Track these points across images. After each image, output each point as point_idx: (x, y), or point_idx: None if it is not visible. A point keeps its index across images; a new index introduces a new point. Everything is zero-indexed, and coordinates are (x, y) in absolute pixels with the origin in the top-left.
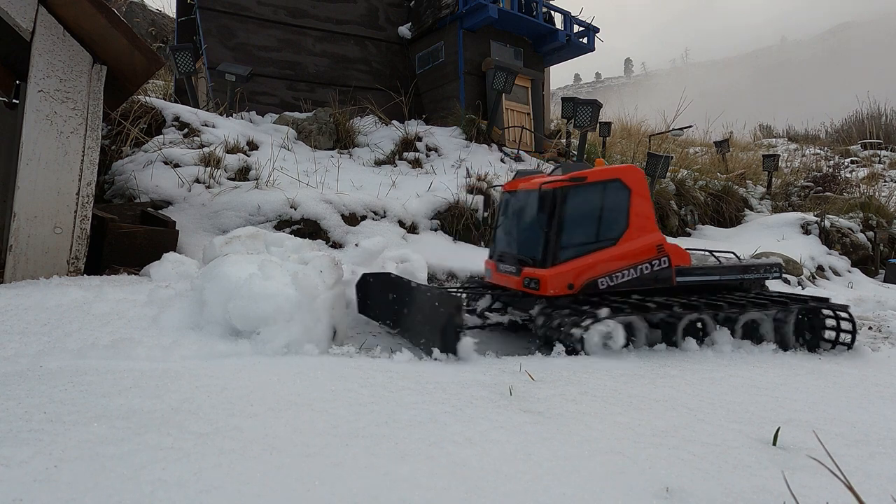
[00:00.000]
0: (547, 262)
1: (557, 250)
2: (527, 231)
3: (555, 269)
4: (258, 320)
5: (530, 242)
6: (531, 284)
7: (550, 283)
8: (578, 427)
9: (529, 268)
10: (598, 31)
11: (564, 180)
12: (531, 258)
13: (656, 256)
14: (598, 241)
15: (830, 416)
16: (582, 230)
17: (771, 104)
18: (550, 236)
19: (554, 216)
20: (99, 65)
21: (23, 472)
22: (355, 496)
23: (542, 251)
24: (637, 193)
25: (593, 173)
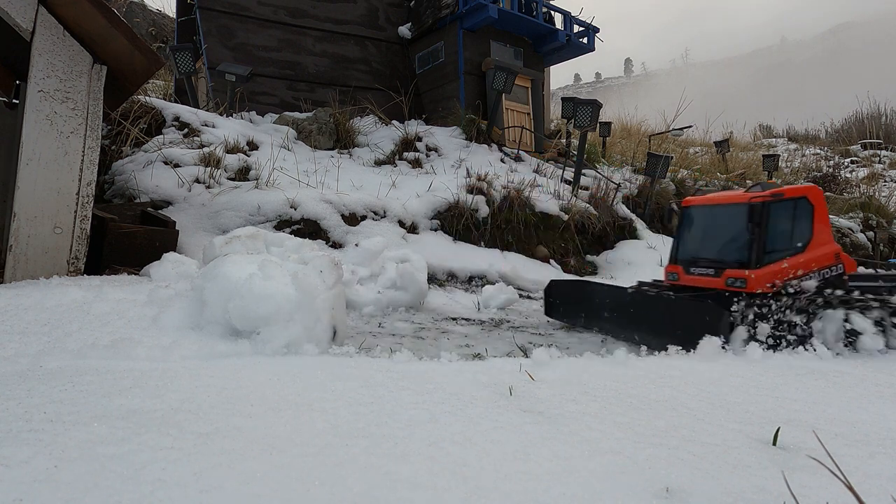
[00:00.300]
0: (753, 264)
1: (763, 254)
2: (730, 238)
3: (761, 271)
4: (258, 320)
5: (734, 248)
6: (736, 283)
7: (757, 282)
8: (578, 427)
9: (733, 270)
10: (598, 31)
11: (767, 196)
12: (736, 261)
13: (834, 263)
14: (791, 249)
15: (830, 416)
16: (779, 238)
17: (771, 104)
18: (758, 242)
19: (762, 225)
20: (99, 65)
21: (23, 472)
22: (355, 496)
23: (749, 255)
24: (819, 209)
25: (789, 191)
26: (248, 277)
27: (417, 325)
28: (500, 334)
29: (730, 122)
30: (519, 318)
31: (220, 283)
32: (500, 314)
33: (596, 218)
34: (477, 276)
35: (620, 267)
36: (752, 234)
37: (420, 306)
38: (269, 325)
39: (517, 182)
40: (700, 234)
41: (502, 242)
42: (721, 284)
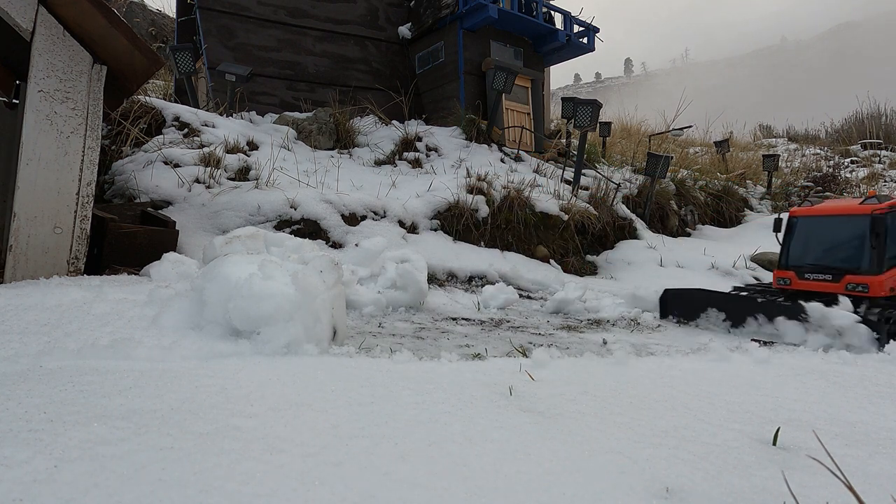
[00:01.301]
0: (875, 270)
1: (884, 261)
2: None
3: (883, 276)
4: (258, 320)
5: (853, 255)
6: (857, 288)
7: (880, 287)
8: (578, 427)
9: (853, 275)
10: (598, 31)
11: (884, 209)
12: (856, 268)
13: None
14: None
15: (830, 416)
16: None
17: (771, 104)
18: (879, 250)
19: (881, 234)
20: (99, 65)
21: (23, 472)
22: (355, 496)
23: (871, 262)
24: None
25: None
26: (248, 277)
27: (417, 325)
28: (500, 334)
29: (730, 122)
30: (519, 319)
31: (220, 283)
32: (500, 314)
33: (596, 218)
34: (477, 276)
35: (620, 267)
36: (873, 242)
37: (420, 306)
38: (269, 324)
39: (517, 182)
40: (815, 242)
41: (502, 242)
42: (841, 289)
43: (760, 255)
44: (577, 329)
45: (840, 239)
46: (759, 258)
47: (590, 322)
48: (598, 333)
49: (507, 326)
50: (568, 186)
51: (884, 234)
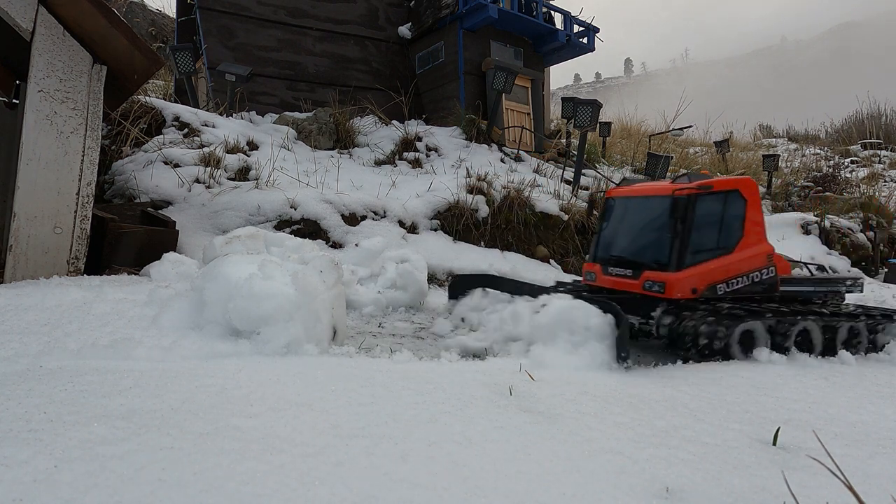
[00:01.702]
0: (673, 266)
1: (685, 255)
2: (649, 236)
3: (682, 273)
4: (258, 320)
5: (654, 247)
6: (654, 287)
7: (677, 287)
8: (578, 427)
9: (652, 271)
10: (598, 31)
11: (693, 188)
12: (655, 262)
13: (766, 265)
14: (718, 249)
15: (830, 416)
16: (705, 237)
17: (771, 104)
18: (679, 241)
19: (684, 222)
20: (99, 65)
21: (23, 472)
22: (355, 496)
23: (670, 255)
24: (752, 204)
25: (718, 183)
26: (248, 277)
27: (417, 325)
28: None
29: (730, 122)
30: None
31: (220, 283)
32: None
33: (596, 218)
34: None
35: None
36: (673, 231)
37: (420, 306)
38: (269, 324)
39: (517, 182)
40: (621, 230)
41: (502, 242)
42: (639, 287)
43: None
44: None
45: (643, 226)
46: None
47: None
48: None
49: None
50: (568, 186)
51: (688, 220)
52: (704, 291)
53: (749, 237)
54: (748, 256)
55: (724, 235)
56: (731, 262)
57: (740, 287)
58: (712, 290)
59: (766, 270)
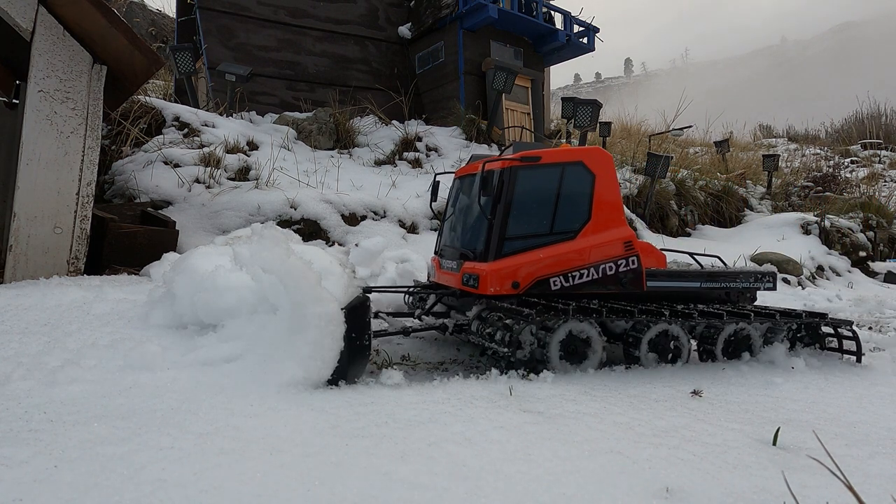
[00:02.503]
0: (489, 255)
1: (501, 241)
2: (471, 220)
3: (497, 264)
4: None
5: (473, 233)
6: (470, 282)
7: (491, 280)
8: (578, 427)
9: (470, 262)
10: (598, 31)
11: (514, 160)
12: (473, 251)
13: (623, 255)
14: (553, 234)
15: (830, 416)
16: (533, 219)
17: (771, 104)
18: (493, 224)
19: (499, 201)
20: (99, 65)
21: (23, 472)
22: (355, 496)
23: (485, 242)
24: (602, 180)
25: (549, 153)
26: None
27: (417, 325)
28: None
29: (730, 122)
30: None
31: (187, 275)
32: None
33: None
34: None
35: None
36: (487, 212)
37: None
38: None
39: None
40: (454, 215)
41: None
42: (460, 282)
43: (760, 255)
44: None
45: (467, 210)
46: (758, 258)
47: None
48: None
49: None
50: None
51: (503, 199)
52: (531, 286)
53: (599, 220)
54: (597, 244)
55: (561, 218)
56: (570, 250)
57: (585, 281)
58: (543, 285)
59: (624, 261)
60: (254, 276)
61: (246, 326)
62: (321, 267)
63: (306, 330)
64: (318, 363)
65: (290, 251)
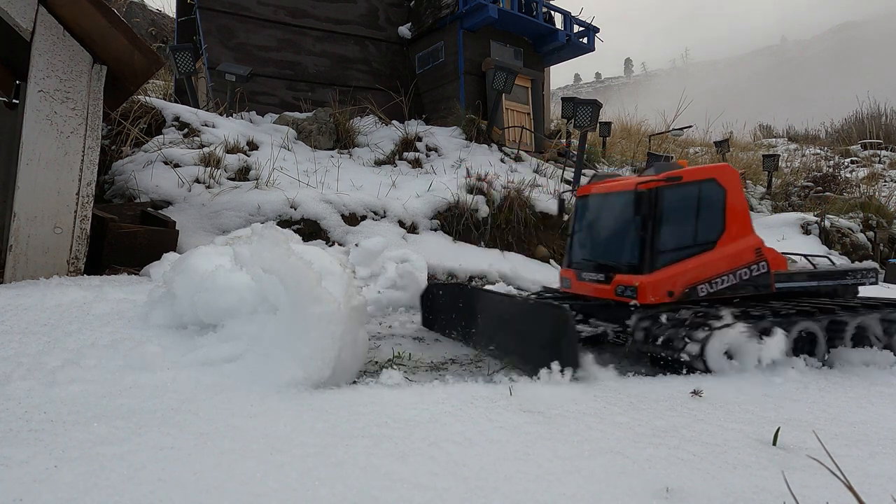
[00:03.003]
0: (645, 267)
1: (656, 255)
2: (618, 236)
3: (654, 276)
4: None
5: (623, 248)
6: (626, 292)
7: (650, 290)
8: (578, 427)
9: (623, 275)
10: (598, 31)
11: (659, 180)
12: (625, 264)
13: (755, 261)
14: (696, 245)
15: (830, 416)
16: (679, 233)
17: (771, 104)
18: (647, 240)
19: (651, 218)
20: (99, 65)
21: (23, 472)
22: (355, 496)
23: (640, 256)
24: (732, 193)
25: (688, 172)
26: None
27: (417, 324)
28: None
29: (730, 122)
30: None
31: (188, 275)
32: None
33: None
34: (477, 275)
35: None
36: (641, 229)
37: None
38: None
39: (517, 182)
40: (591, 231)
41: (502, 242)
42: (612, 294)
43: None
44: None
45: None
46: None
47: None
48: None
49: None
50: (568, 186)
51: (656, 217)
52: (683, 294)
53: (732, 230)
54: (733, 252)
55: (702, 230)
56: (712, 259)
57: (726, 286)
58: (692, 292)
59: (756, 266)
60: (254, 276)
61: (246, 326)
62: (321, 267)
63: (307, 330)
64: (318, 363)
65: (290, 251)
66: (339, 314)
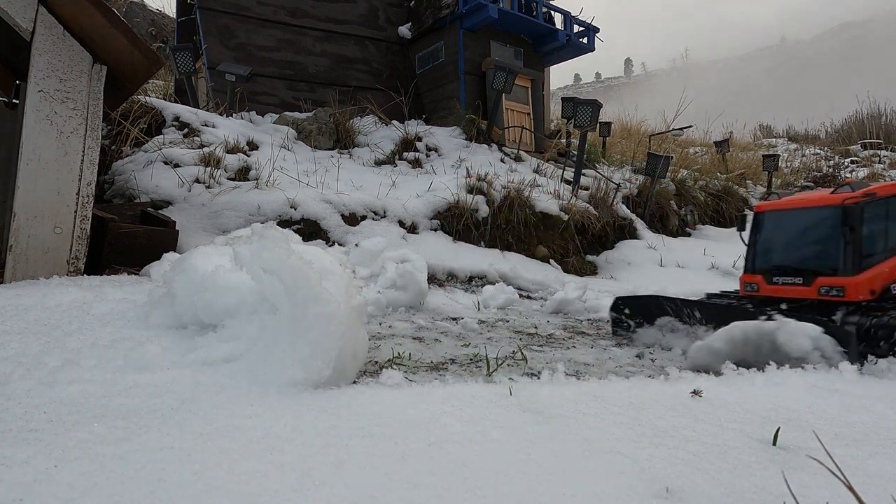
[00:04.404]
0: (850, 270)
1: (861, 259)
2: (819, 244)
3: (859, 277)
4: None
5: (825, 254)
6: (832, 292)
7: (857, 290)
8: (578, 427)
9: (826, 277)
10: (598, 31)
11: (859, 197)
12: (828, 268)
13: None
14: (887, 251)
15: (830, 416)
16: (877, 240)
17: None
18: (853, 247)
19: (857, 228)
20: (99, 65)
21: (23, 472)
22: (355, 496)
23: (846, 261)
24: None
25: (881, 189)
26: (214, 269)
27: (417, 325)
28: (499, 334)
29: (730, 122)
30: (519, 318)
31: (188, 275)
32: (500, 314)
33: (596, 218)
34: (477, 276)
35: (620, 267)
36: (846, 238)
37: (420, 306)
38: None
39: (517, 182)
40: (783, 241)
41: (502, 242)
42: (813, 294)
43: None
44: (576, 329)
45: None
46: None
47: (590, 322)
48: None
49: (508, 326)
50: (568, 186)
51: (859, 227)
52: (882, 292)
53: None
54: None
55: (892, 237)
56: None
57: None
58: (887, 291)
59: None
60: (254, 276)
61: (246, 326)
62: (321, 267)
63: (307, 330)
64: (318, 363)
65: (290, 251)
66: (339, 314)
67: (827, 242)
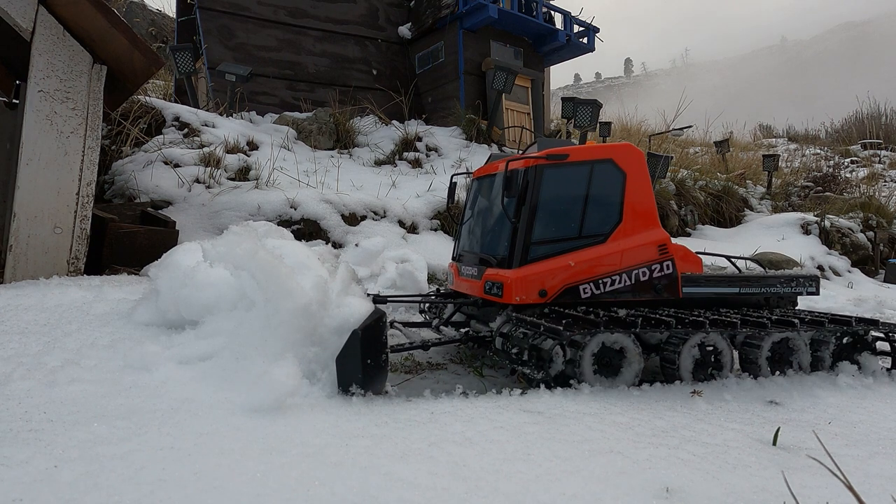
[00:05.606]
0: (514, 261)
1: (527, 246)
2: (493, 224)
3: (523, 271)
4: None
5: (495, 237)
6: (493, 290)
7: (516, 288)
8: (578, 427)
9: (493, 269)
10: (598, 31)
11: (539, 158)
12: (496, 257)
13: (657, 259)
14: (582, 238)
15: (830, 416)
16: (560, 222)
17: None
18: (518, 228)
19: (524, 202)
20: (99, 65)
21: (23, 472)
22: (355, 496)
23: (509, 247)
24: (634, 178)
25: (577, 151)
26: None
27: None
28: None
29: (730, 122)
30: None
31: (171, 271)
32: None
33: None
34: None
35: None
36: (511, 215)
37: None
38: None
39: None
40: (474, 218)
41: None
42: (482, 290)
43: (761, 254)
44: None
45: (489, 212)
46: (758, 258)
47: None
48: None
49: None
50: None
51: (528, 200)
52: (559, 295)
53: (630, 222)
54: (629, 248)
55: (590, 220)
56: (601, 254)
57: (617, 288)
58: (572, 293)
59: (658, 266)
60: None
61: (224, 322)
62: (296, 261)
63: (278, 325)
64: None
65: (259, 246)
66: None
67: (498, 222)
